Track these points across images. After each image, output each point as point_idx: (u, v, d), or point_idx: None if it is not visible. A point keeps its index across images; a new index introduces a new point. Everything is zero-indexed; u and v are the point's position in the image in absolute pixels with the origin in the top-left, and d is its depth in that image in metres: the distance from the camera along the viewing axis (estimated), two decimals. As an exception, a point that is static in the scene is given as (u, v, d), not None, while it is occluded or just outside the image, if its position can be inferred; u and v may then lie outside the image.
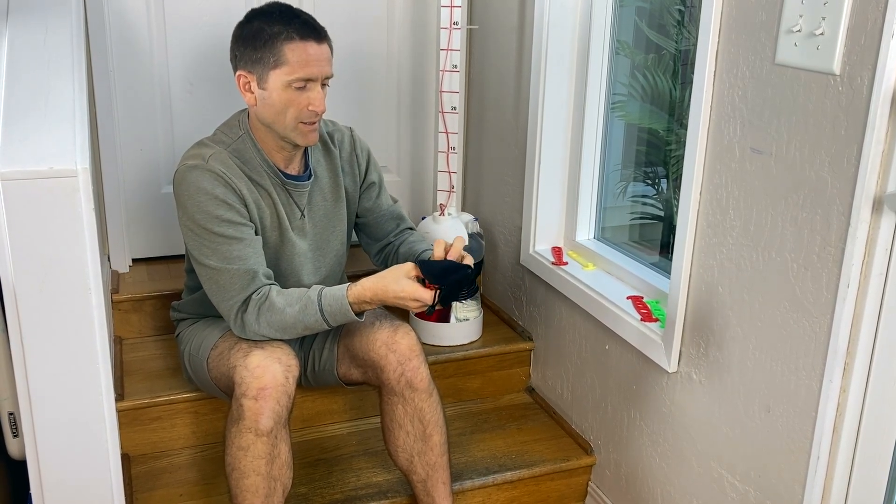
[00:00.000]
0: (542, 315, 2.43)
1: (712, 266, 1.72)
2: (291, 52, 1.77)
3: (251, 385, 1.72)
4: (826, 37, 1.38)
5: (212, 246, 1.79)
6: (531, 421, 2.39)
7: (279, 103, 1.80)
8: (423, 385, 1.90)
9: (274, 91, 1.79)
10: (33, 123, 1.49)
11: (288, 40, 1.77)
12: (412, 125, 2.82)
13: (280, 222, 1.91)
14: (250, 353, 1.77)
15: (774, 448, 1.61)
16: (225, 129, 1.91)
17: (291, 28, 1.77)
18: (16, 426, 1.66)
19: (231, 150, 1.86)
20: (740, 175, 1.61)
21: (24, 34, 1.72)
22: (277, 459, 1.77)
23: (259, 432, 1.72)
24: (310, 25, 1.80)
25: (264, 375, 1.72)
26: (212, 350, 1.91)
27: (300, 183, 1.92)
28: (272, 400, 1.72)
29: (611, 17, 2.20)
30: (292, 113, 1.80)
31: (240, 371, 1.75)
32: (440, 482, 1.96)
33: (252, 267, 1.80)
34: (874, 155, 1.34)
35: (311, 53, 1.78)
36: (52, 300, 1.43)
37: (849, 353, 1.45)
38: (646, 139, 2.42)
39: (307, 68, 1.78)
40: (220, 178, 1.79)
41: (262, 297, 1.79)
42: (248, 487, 1.75)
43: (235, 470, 1.76)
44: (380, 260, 2.14)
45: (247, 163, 1.86)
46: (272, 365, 1.74)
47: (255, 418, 1.71)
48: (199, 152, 1.84)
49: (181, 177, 1.81)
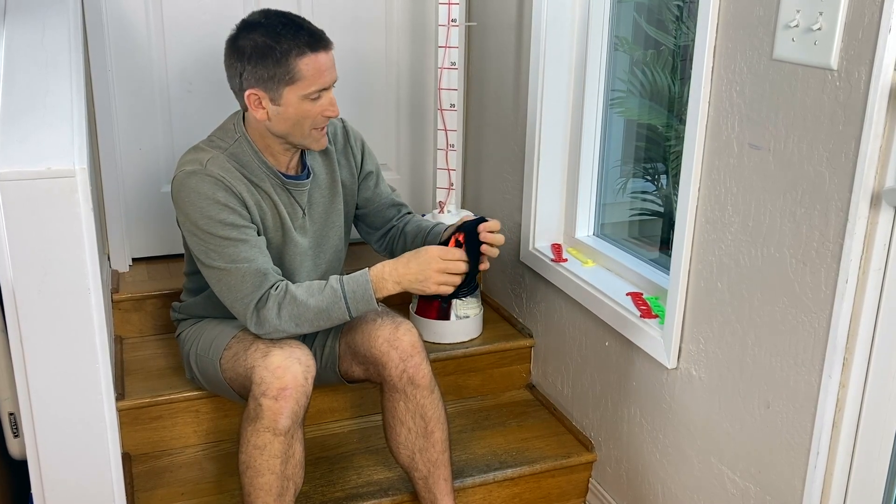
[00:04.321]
0: (542, 312, 2.44)
1: (711, 262, 1.72)
2: (306, 67, 1.76)
3: (272, 385, 1.72)
4: (823, 32, 1.38)
5: (217, 249, 1.79)
6: (532, 418, 2.39)
7: (296, 116, 1.80)
8: (424, 382, 1.90)
9: (290, 106, 1.78)
10: (31, 124, 1.49)
11: (300, 55, 1.75)
12: (411, 123, 2.82)
13: (283, 222, 1.91)
14: (269, 352, 1.76)
15: (774, 443, 1.61)
16: (220, 134, 1.90)
17: (301, 42, 1.75)
18: (16, 426, 1.66)
19: (228, 154, 1.85)
20: (739, 171, 1.61)
21: (22, 34, 1.71)
22: (292, 459, 1.77)
23: (277, 432, 1.72)
24: (315, 35, 1.79)
25: (285, 375, 1.72)
26: (225, 351, 1.90)
27: (300, 182, 1.92)
28: (292, 400, 1.72)
29: (609, 12, 2.19)
30: (309, 123, 1.82)
31: (259, 371, 1.74)
32: (442, 479, 1.96)
33: (261, 266, 1.80)
34: (872, 150, 1.33)
35: (322, 63, 1.78)
36: (51, 300, 1.43)
37: (848, 348, 1.45)
38: (645, 135, 2.42)
39: (321, 79, 1.78)
40: (220, 183, 1.79)
41: (280, 292, 1.79)
42: (261, 486, 1.76)
43: (250, 468, 1.76)
44: (383, 245, 2.14)
45: (245, 166, 1.86)
46: (293, 365, 1.74)
47: (274, 418, 1.72)
48: (197, 157, 1.83)
49: (180, 183, 1.80)
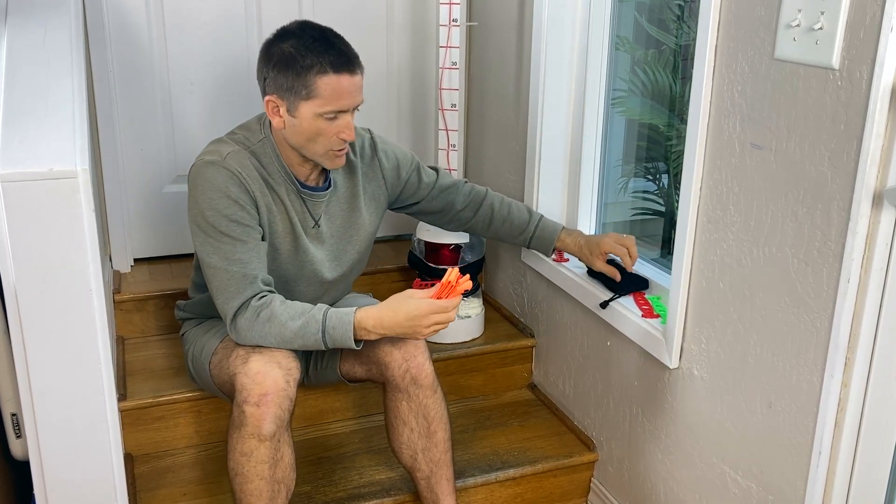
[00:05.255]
0: (543, 311, 2.44)
1: (713, 261, 1.72)
2: (325, 86, 1.73)
3: (252, 391, 1.71)
4: (825, 31, 1.37)
5: (215, 244, 1.79)
6: (533, 418, 2.39)
7: (309, 132, 1.77)
8: (427, 381, 1.90)
9: (304, 120, 1.76)
10: (33, 124, 1.49)
11: (322, 74, 1.72)
12: (412, 123, 2.82)
13: (293, 228, 1.90)
14: (249, 358, 1.76)
15: (776, 443, 1.61)
16: (244, 131, 1.89)
17: (325, 60, 1.72)
18: (19, 427, 1.66)
19: (251, 151, 1.84)
20: (740, 170, 1.61)
21: (24, 34, 1.72)
22: (281, 462, 1.77)
23: (262, 437, 1.72)
24: (344, 56, 1.75)
25: (265, 381, 1.71)
26: (213, 356, 1.91)
27: (316, 193, 1.91)
28: (274, 405, 1.71)
29: (610, 12, 2.19)
30: (322, 142, 1.79)
31: (240, 378, 1.74)
32: (444, 479, 1.96)
33: (252, 271, 1.79)
34: (874, 149, 1.33)
35: (344, 86, 1.74)
36: (53, 301, 1.43)
37: (850, 347, 1.45)
38: (646, 135, 2.42)
39: (339, 101, 1.75)
40: (236, 178, 1.78)
41: (262, 304, 1.77)
42: (251, 492, 1.76)
43: (239, 475, 1.76)
44: (479, 221, 2.17)
45: (265, 167, 1.85)
46: (273, 370, 1.73)
47: (257, 424, 1.71)
48: (218, 149, 1.83)
49: (196, 171, 1.80)
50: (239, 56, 2.54)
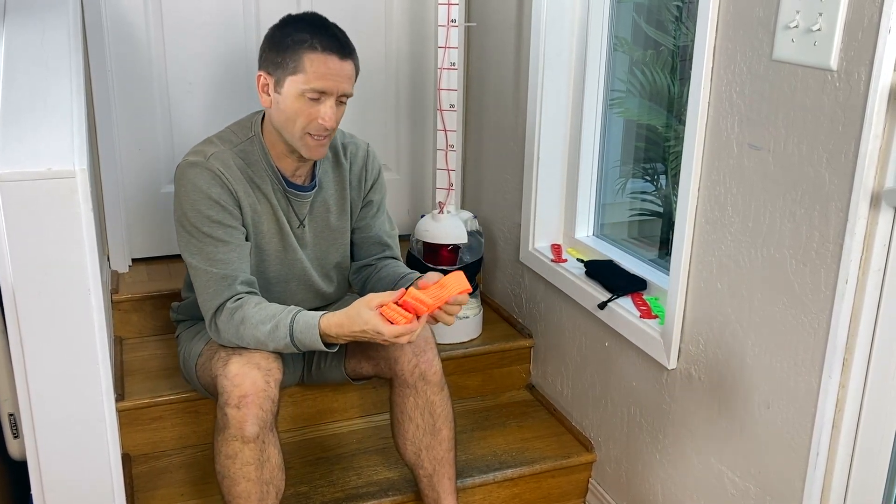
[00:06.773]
0: (541, 312, 2.44)
1: (711, 262, 1.72)
2: (310, 62, 1.74)
3: (232, 394, 1.71)
4: (823, 32, 1.38)
5: (198, 245, 1.79)
6: (532, 418, 2.39)
7: (290, 110, 1.78)
8: (435, 378, 1.91)
9: (288, 97, 1.77)
10: (31, 124, 1.49)
11: (310, 50, 1.74)
12: (411, 123, 2.82)
13: (280, 228, 1.90)
14: (229, 360, 1.76)
15: (774, 444, 1.61)
16: (236, 129, 1.90)
17: (316, 38, 1.75)
18: (16, 427, 1.66)
19: (237, 150, 1.85)
20: (738, 171, 1.61)
21: (22, 34, 1.71)
22: (268, 463, 1.77)
23: (245, 439, 1.72)
24: (336, 40, 1.77)
25: (244, 383, 1.71)
26: (199, 358, 1.92)
27: (301, 193, 1.91)
28: (255, 406, 1.71)
29: (609, 13, 2.20)
30: (301, 123, 1.78)
31: (221, 381, 1.74)
32: (446, 478, 1.97)
33: (232, 272, 1.79)
34: (872, 150, 1.34)
35: (330, 67, 1.75)
36: (51, 301, 1.43)
37: (847, 348, 1.45)
38: (644, 135, 2.42)
39: (322, 81, 1.75)
40: (218, 178, 1.79)
41: (237, 306, 1.77)
42: (239, 494, 1.76)
43: (226, 478, 1.76)
44: (357, 280, 2.09)
45: (251, 165, 1.85)
46: (251, 371, 1.73)
47: (239, 426, 1.71)
48: (203, 149, 1.83)
49: (181, 172, 1.81)
50: (237, 56, 2.54)
